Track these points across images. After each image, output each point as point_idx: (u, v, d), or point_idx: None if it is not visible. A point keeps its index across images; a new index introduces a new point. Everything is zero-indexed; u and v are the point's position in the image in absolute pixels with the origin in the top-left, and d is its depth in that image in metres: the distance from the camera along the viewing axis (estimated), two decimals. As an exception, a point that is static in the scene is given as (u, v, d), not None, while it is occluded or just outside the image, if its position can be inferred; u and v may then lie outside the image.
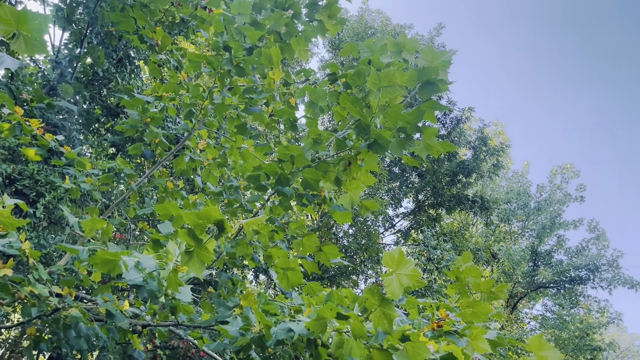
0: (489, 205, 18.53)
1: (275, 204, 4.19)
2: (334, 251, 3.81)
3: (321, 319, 2.46)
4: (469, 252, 3.68)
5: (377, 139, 3.25)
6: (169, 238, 3.15)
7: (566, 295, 22.93)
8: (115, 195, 6.16)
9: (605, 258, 21.96)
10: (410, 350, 2.41)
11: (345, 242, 15.70)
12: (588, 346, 18.85)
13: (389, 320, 2.27)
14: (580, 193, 24.58)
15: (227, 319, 3.15)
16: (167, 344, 6.30)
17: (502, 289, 3.67)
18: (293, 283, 4.02)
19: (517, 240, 25.49)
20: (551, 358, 2.32)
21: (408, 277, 2.26)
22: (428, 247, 16.77)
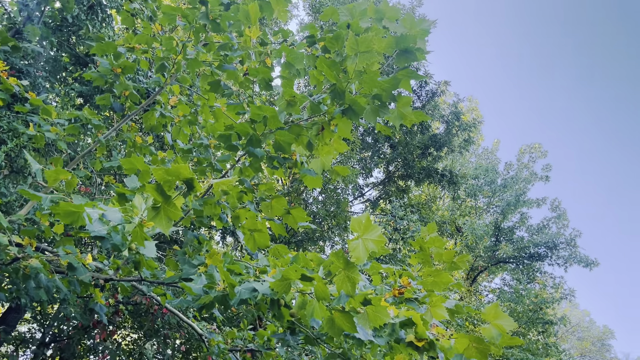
0: (458, 179, 18.83)
1: (246, 165, 4.15)
2: (302, 215, 3.82)
3: (285, 280, 2.48)
4: (434, 223, 3.74)
5: (351, 104, 3.23)
6: (135, 192, 3.10)
7: (524, 270, 23.74)
8: (82, 147, 5.99)
9: (564, 237, 22.75)
10: (371, 313, 2.46)
11: (314, 209, 15.79)
12: (541, 320, 19.67)
13: (353, 283, 2.30)
14: (546, 173, 25.20)
15: (191, 277, 3.15)
16: (129, 300, 6.29)
17: (463, 259, 3.76)
18: (260, 245, 4.03)
19: (481, 215, 26.11)
20: (505, 327, 2.40)
21: (374, 243, 2.28)
22: (395, 217, 17.03)
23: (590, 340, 35.31)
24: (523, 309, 19.97)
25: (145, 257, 3.28)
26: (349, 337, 2.77)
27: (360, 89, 3.27)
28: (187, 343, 9.80)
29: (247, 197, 4.18)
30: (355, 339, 2.83)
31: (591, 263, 22.21)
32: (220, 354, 5.25)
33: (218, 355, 5.28)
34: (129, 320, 9.98)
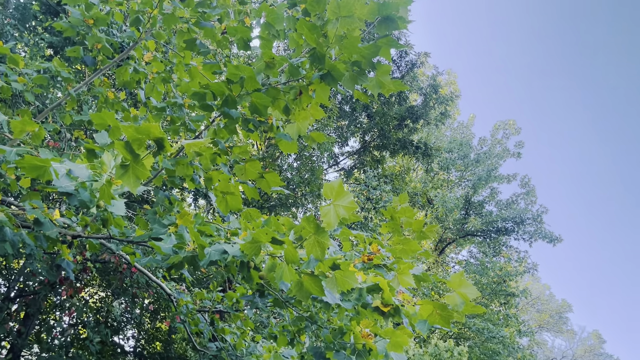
0: (432, 152, 19.00)
1: (220, 127, 4.09)
2: (275, 179, 3.81)
3: (256, 243, 2.49)
4: (405, 194, 3.78)
5: (330, 70, 3.20)
6: (104, 149, 3.03)
7: (491, 244, 24.37)
8: (51, 100, 5.79)
9: (531, 213, 23.34)
10: (339, 278, 2.49)
11: (289, 175, 15.77)
12: (503, 292, 20.32)
13: (322, 248, 2.32)
14: (518, 149, 25.62)
15: (161, 236, 3.13)
16: (97, 258, 6.23)
17: (431, 229, 3.83)
18: (232, 207, 4.01)
19: (453, 188, 26.53)
20: (469, 295, 2.46)
21: (345, 209, 2.29)
22: (369, 187, 17.16)
23: (549, 312, 36.71)
24: (487, 280, 20.57)
25: (113, 215, 3.24)
26: (316, 300, 2.81)
27: (340, 55, 3.23)
28: (156, 303, 9.82)
29: (220, 159, 4.13)
30: (323, 303, 2.88)
31: (555, 239, 22.91)
32: (188, 314, 5.28)
33: (186, 315, 5.32)
34: (96, 278, 9.92)
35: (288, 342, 4.71)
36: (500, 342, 18.25)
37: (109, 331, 8.40)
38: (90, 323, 7.86)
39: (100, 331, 7.83)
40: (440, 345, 14.77)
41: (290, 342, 4.69)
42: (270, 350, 5.79)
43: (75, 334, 9.01)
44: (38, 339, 9.02)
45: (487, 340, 18.73)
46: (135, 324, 10.49)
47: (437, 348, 14.70)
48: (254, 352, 5.73)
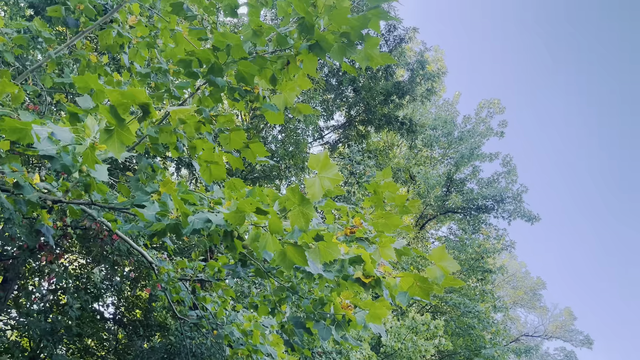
0: (416, 129, 19.04)
1: (205, 95, 4.04)
2: (260, 149, 3.79)
3: (240, 212, 2.49)
4: (389, 168, 3.80)
5: (319, 40, 3.16)
6: (88, 113, 2.98)
7: (470, 221, 24.72)
8: (31, 61, 5.65)
9: (511, 191, 23.66)
10: (322, 249, 2.51)
11: (273, 147, 15.70)
12: (481, 268, 20.74)
13: (307, 219, 2.33)
14: (502, 129, 25.80)
15: (144, 203, 3.10)
16: (78, 224, 6.18)
17: (414, 204, 3.86)
18: (215, 177, 3.99)
19: (436, 165, 26.72)
20: (449, 268, 2.51)
21: (330, 181, 2.30)
22: (353, 161, 17.19)
23: (524, 289, 37.59)
24: (466, 257, 20.95)
25: (96, 180, 3.20)
26: (299, 270, 2.84)
27: (329, 25, 3.19)
28: (137, 271, 9.82)
29: (205, 127, 4.09)
30: (305, 273, 2.91)
31: (533, 218, 23.33)
32: (169, 281, 5.30)
33: (167, 283, 5.33)
34: (76, 245, 9.85)
35: (269, 311, 4.76)
36: (476, 316, 18.70)
37: (88, 298, 8.39)
38: (70, 289, 7.84)
39: (80, 297, 7.82)
40: (417, 319, 15.08)
41: (271, 311, 4.74)
42: (251, 319, 5.86)
43: (55, 299, 9.00)
44: (16, 303, 8.99)
45: (463, 315, 19.18)
46: (115, 291, 10.49)
47: (414, 321, 15.02)
48: (234, 320, 5.79)
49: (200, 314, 6.19)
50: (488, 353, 17.07)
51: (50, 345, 7.36)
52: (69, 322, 7.75)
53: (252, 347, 5.44)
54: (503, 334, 22.48)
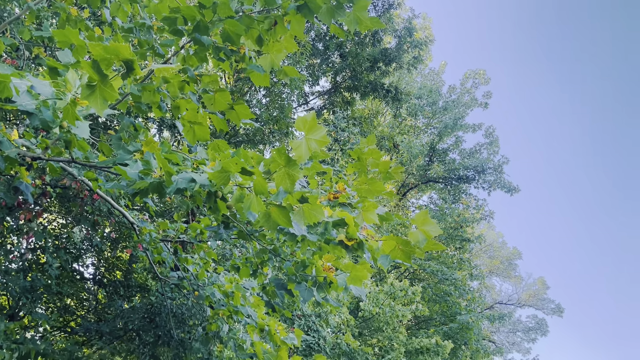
0: (402, 97, 18.99)
1: (190, 54, 3.95)
2: (245, 111, 3.74)
3: (225, 172, 2.47)
4: (373, 135, 3.79)
5: (307, 1, 3.10)
6: (68, 68, 2.89)
7: (451, 191, 25.02)
8: (9, 13, 5.42)
9: (492, 163, 23.93)
10: (306, 211, 2.52)
11: (257, 111, 15.54)
12: (459, 237, 21.12)
13: (292, 180, 2.33)
14: (486, 99, 25.87)
15: (126, 162, 3.07)
16: (58, 183, 6.10)
17: (397, 170, 3.88)
18: (199, 138, 3.94)
19: (419, 135, 26.79)
20: (431, 232, 2.54)
21: (317, 143, 2.29)
22: (337, 128, 17.14)
23: (500, 259, 38.47)
24: (445, 226, 21.28)
25: (77, 137, 3.14)
26: (282, 232, 2.85)
27: (319, -15, 3.12)
28: (117, 232, 9.78)
29: (189, 87, 4.01)
30: (289, 235, 2.92)
31: (513, 189, 23.69)
32: (151, 242, 5.29)
33: (149, 244, 5.32)
34: (56, 204, 9.75)
35: (250, 273, 4.80)
36: (453, 284, 19.14)
37: (68, 257, 8.36)
38: (49, 248, 7.79)
39: (60, 256, 7.79)
40: (396, 285, 15.38)
41: (252, 273, 4.78)
42: (232, 281, 5.91)
43: (34, 258, 8.94)
44: (-5, 262, 8.91)
45: (440, 282, 19.62)
46: (95, 252, 10.46)
47: (393, 287, 15.32)
48: (216, 282, 5.84)
49: (181, 275, 6.22)
50: (463, 319, 17.55)
51: (30, 303, 7.36)
52: (49, 281, 7.73)
53: (232, 308, 5.51)
54: (478, 301, 23.10)
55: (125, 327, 7.69)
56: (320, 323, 12.08)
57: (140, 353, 7.59)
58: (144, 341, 7.51)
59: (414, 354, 15.06)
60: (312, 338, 11.54)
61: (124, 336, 8.12)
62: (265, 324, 5.44)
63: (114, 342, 8.10)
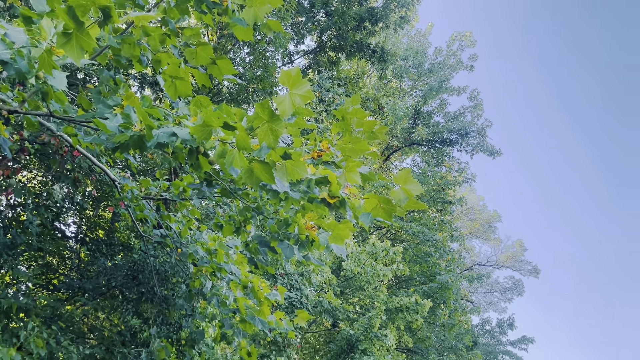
0: (388, 58, 18.77)
1: (171, 5, 3.82)
2: (228, 66, 3.66)
3: (207, 126, 2.43)
4: (358, 95, 3.75)
5: (293, -50, 3.00)
6: (43, 16, 2.78)
7: (434, 154, 25.18)
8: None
9: (476, 126, 24.03)
10: (289, 167, 2.50)
11: (241, 69, 15.26)
12: (441, 199, 21.38)
13: (275, 135, 2.30)
14: (472, 62, 25.74)
15: (106, 115, 3.00)
16: (36, 139, 5.97)
17: (382, 130, 3.87)
18: (181, 93, 3.86)
19: (404, 97, 26.67)
20: (413, 191, 2.55)
21: (301, 98, 2.26)
22: (322, 88, 16.97)
23: (480, 222, 39.16)
24: (427, 188, 21.48)
25: (54, 88, 3.05)
26: (265, 189, 2.84)
27: None
28: (99, 190, 9.68)
29: (170, 40, 3.90)
30: (272, 191, 2.92)
31: (495, 152, 23.92)
32: (133, 199, 5.25)
33: (131, 201, 5.28)
34: (35, 162, 9.58)
35: (233, 231, 4.81)
36: (433, 245, 19.48)
37: (49, 215, 8.28)
38: (29, 206, 7.70)
39: (40, 214, 7.70)
40: (377, 245, 15.61)
41: (235, 230, 4.79)
42: (215, 239, 5.92)
43: (14, 215, 8.84)
44: (-26, 219, 8.78)
45: (421, 243, 19.95)
46: (77, 210, 10.37)
47: (374, 247, 15.55)
48: (199, 239, 5.85)
49: (164, 233, 6.21)
50: (442, 279, 17.96)
51: (11, 259, 7.31)
52: (29, 239, 7.67)
53: (216, 265, 5.55)
54: (457, 262, 23.62)
55: (108, 285, 7.71)
56: (302, 282, 12.27)
57: (123, 310, 7.65)
58: (127, 298, 7.56)
59: (394, 312, 15.44)
60: (295, 296, 11.74)
61: (107, 293, 8.15)
62: (249, 281, 5.50)
63: (97, 299, 8.13)
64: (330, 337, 17.30)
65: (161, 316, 7.33)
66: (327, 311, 14.15)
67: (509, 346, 28.42)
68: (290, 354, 11.32)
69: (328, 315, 14.36)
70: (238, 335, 5.82)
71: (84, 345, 6.61)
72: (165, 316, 7.35)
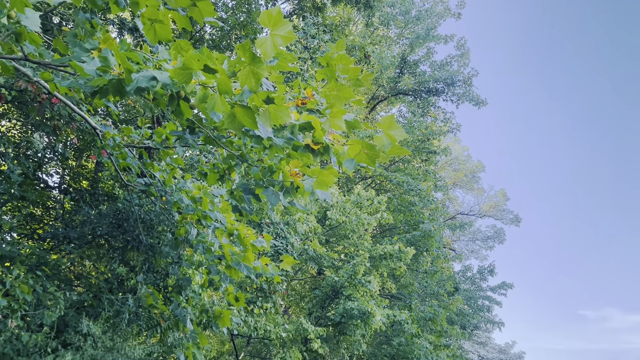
0: (374, 4, 18.34)
1: (148, -57, 3.65)
2: (209, 8, 3.54)
3: (187, 69, 2.38)
4: (343, 40, 3.67)
5: None
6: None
7: (420, 104, 25.06)
8: None
9: (462, 75, 23.86)
10: (272, 112, 2.48)
11: (223, 15, 14.82)
12: (426, 149, 21.46)
13: (257, 78, 2.26)
14: (460, 10, 25.27)
15: (83, 59, 2.91)
16: (13, 85, 5.80)
17: (367, 77, 3.82)
18: (161, 37, 3.74)
19: (391, 46, 26.23)
20: (397, 136, 2.55)
21: (282, 39, 2.20)
22: (307, 35, 16.59)
23: (464, 172, 39.55)
24: (413, 138, 21.50)
25: (27, 29, 2.94)
26: (248, 134, 2.82)
27: None
28: (80, 140, 9.53)
29: (148, -19, 3.75)
30: (255, 138, 2.89)
31: (480, 102, 23.88)
32: (115, 147, 5.18)
33: (113, 149, 5.21)
34: (13, 111, 9.35)
35: (218, 179, 4.80)
36: (417, 194, 19.71)
37: (30, 164, 8.17)
38: (9, 154, 7.58)
39: (21, 163, 7.60)
40: (362, 194, 15.75)
41: (220, 178, 4.78)
42: (200, 188, 5.92)
43: (-6, 165, 8.71)
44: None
45: (405, 193, 20.16)
46: (59, 160, 10.24)
47: (359, 197, 15.69)
48: (183, 187, 5.84)
49: (148, 182, 6.18)
50: (425, 227, 18.28)
51: (-6, 208, 7.25)
52: (11, 187, 7.59)
53: (201, 213, 5.57)
54: (441, 212, 24.00)
55: (94, 233, 7.72)
56: (288, 230, 12.41)
57: (109, 258, 7.71)
58: (112, 246, 7.60)
59: (378, 259, 15.78)
60: (281, 244, 11.90)
61: (93, 242, 8.17)
62: (235, 229, 5.55)
63: (82, 248, 8.16)
64: (315, 284, 17.71)
65: (147, 264, 7.40)
66: (312, 259, 14.41)
67: (489, 292, 29.37)
68: (276, 300, 11.59)
69: (313, 263, 14.64)
70: (225, 281, 5.92)
71: (71, 292, 6.68)
72: (152, 264, 7.43)
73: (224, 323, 6.97)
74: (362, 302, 13.44)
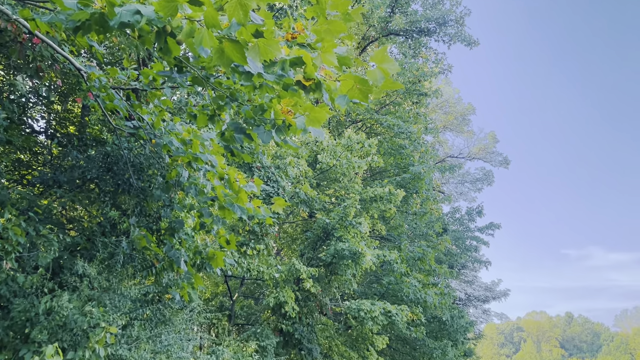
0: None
1: None
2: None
3: (172, 1, 2.29)
4: (334, -27, 3.54)
5: None
6: None
7: (412, 45, 24.58)
8: None
9: (454, 14, 23.31)
10: (262, 46, 2.41)
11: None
12: (417, 91, 21.25)
13: (245, 10, 2.18)
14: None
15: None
16: (-9, 25, 5.56)
17: (357, 11, 3.71)
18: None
19: (382, -17, 25.43)
20: (390, 70, 2.51)
21: (272, -33, 2.11)
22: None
23: (454, 115, 39.42)
24: (403, 80, 21.23)
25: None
26: (237, 70, 2.75)
27: None
28: (65, 83, 9.28)
29: None
30: (245, 74, 2.83)
31: (472, 42, 23.47)
32: (101, 88, 5.06)
33: (99, 90, 5.10)
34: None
35: (208, 119, 4.74)
36: (408, 137, 19.69)
37: (15, 108, 7.99)
38: (-7, 99, 7.39)
39: (5, 107, 7.42)
40: (353, 137, 15.71)
41: (210, 119, 4.72)
42: (190, 131, 5.85)
43: (-22, 110, 8.50)
44: None
45: (395, 136, 20.13)
46: (44, 104, 10.01)
47: (350, 140, 15.66)
48: (173, 130, 5.77)
49: (136, 124, 6.09)
50: (415, 170, 18.39)
51: (-20, 154, 7.14)
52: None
53: (192, 155, 5.53)
54: (431, 154, 24.09)
55: (83, 177, 7.67)
56: (279, 174, 12.44)
57: (101, 202, 7.69)
58: (103, 190, 7.56)
59: (368, 201, 15.95)
60: (272, 188, 11.95)
61: (83, 186, 8.13)
62: (225, 173, 5.53)
63: (72, 192, 8.13)
64: (307, 227, 17.95)
65: (139, 207, 7.41)
66: (303, 202, 14.53)
67: (477, 232, 30.01)
68: (268, 242, 11.76)
69: (305, 206, 14.77)
70: (217, 223, 5.97)
71: (64, 234, 6.72)
72: (144, 207, 7.45)
73: (217, 264, 7.09)
74: (353, 243, 13.69)
